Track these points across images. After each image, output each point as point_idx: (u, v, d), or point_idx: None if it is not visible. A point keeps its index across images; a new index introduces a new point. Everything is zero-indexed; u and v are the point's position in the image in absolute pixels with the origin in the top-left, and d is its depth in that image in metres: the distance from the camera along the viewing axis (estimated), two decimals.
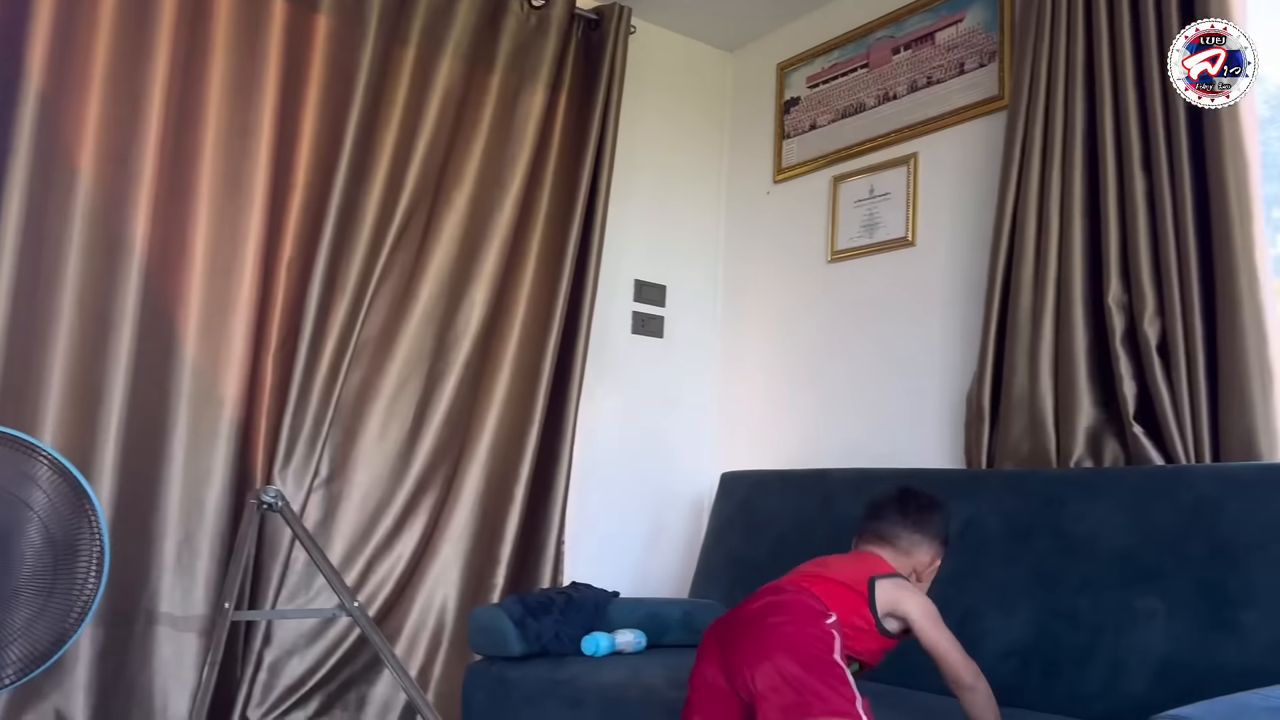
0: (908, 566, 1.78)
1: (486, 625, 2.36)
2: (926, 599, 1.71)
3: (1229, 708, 1.22)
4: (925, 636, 1.66)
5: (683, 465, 3.28)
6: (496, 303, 2.82)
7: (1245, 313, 2.02)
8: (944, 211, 2.78)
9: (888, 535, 1.81)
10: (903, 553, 1.79)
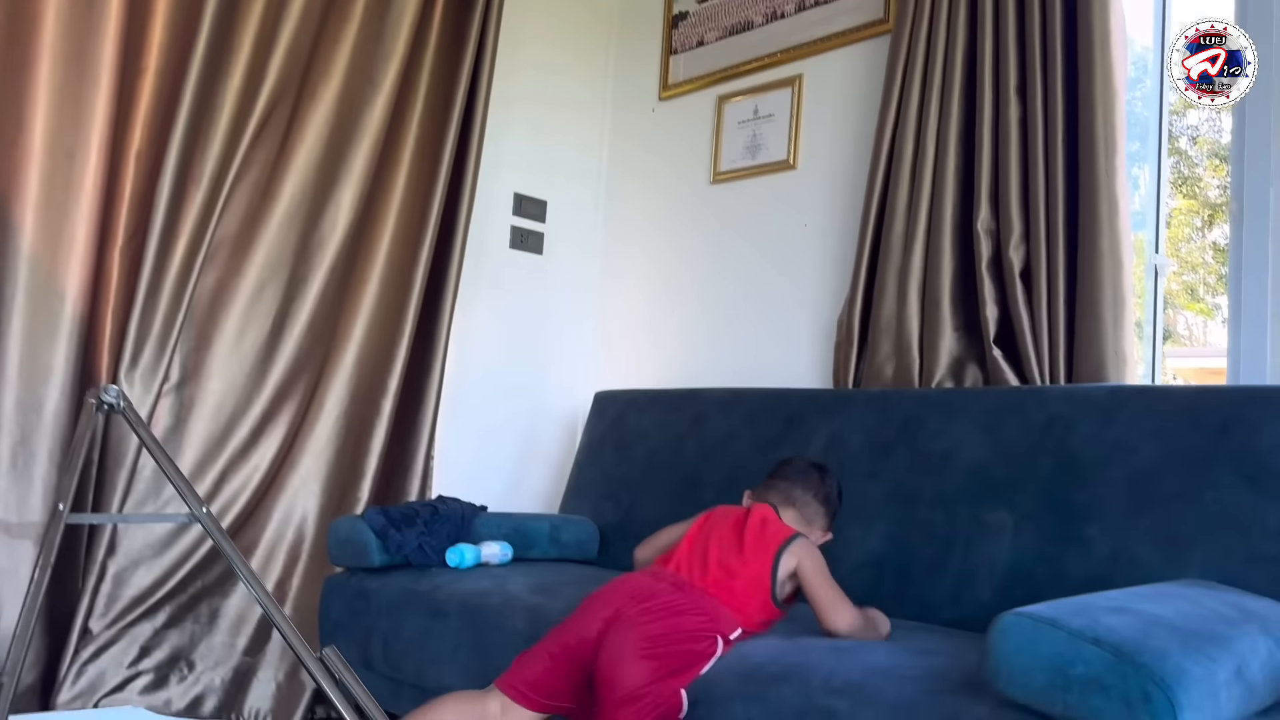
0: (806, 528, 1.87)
1: (346, 536, 2.30)
2: (819, 555, 1.76)
3: (1072, 606, 1.27)
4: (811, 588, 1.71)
5: (557, 383, 3.24)
6: (365, 207, 2.70)
7: (1104, 239, 2.08)
8: (826, 135, 2.78)
9: (798, 501, 1.89)
10: (805, 520, 1.88)
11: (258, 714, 2.53)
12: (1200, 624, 1.27)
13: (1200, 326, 10.54)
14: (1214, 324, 9.65)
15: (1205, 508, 1.70)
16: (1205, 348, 8.97)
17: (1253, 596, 1.53)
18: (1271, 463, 1.66)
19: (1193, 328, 10.69)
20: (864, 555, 2.10)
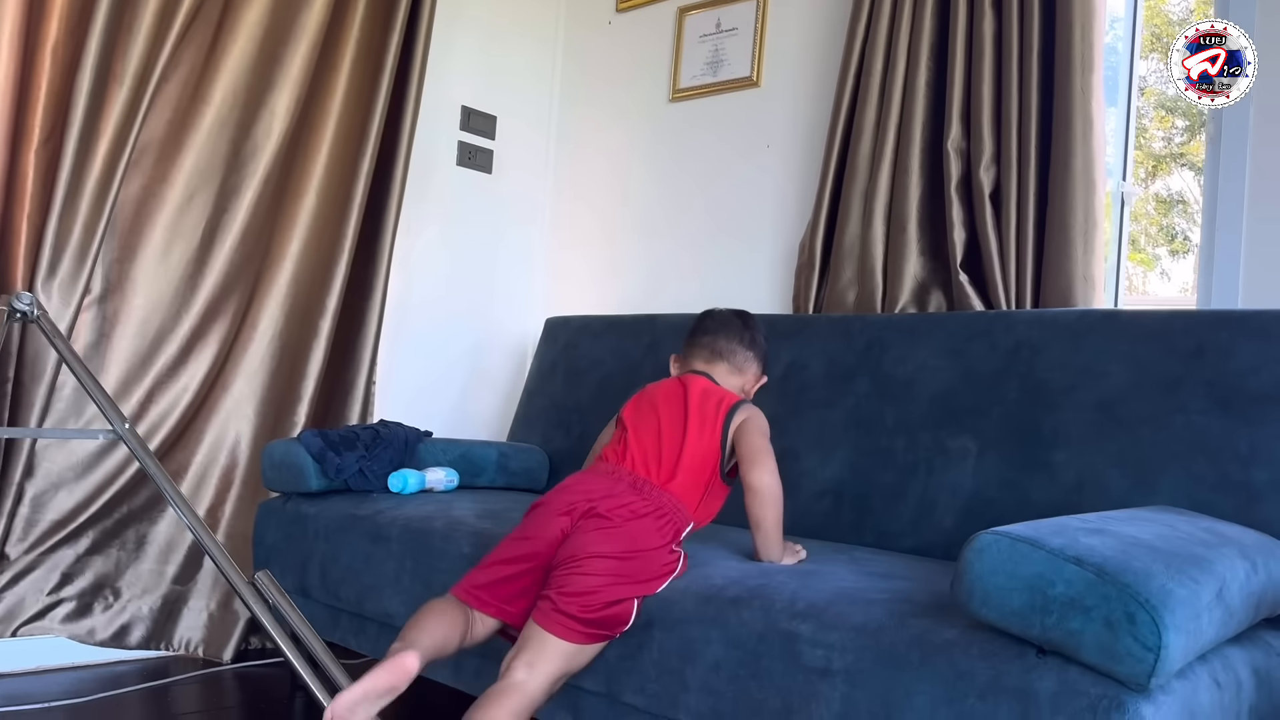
0: (738, 385, 1.78)
1: (282, 459, 2.18)
2: (764, 420, 1.68)
3: (1050, 526, 1.21)
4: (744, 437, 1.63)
5: (506, 308, 3.12)
6: (302, 114, 2.54)
7: (1077, 160, 2.01)
8: (792, 51, 2.67)
9: (724, 352, 1.78)
10: (736, 369, 1.78)
11: (188, 644, 2.42)
12: (1179, 546, 1.23)
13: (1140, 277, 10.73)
14: (1154, 275, 9.78)
15: (1175, 432, 1.66)
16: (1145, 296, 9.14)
17: (1223, 522, 1.49)
18: (1244, 386, 1.62)
19: (1133, 278, 10.93)
20: (823, 483, 2.04)
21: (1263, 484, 1.56)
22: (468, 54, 2.98)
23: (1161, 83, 10.38)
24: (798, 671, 1.29)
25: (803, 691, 1.28)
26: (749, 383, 1.80)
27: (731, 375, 1.78)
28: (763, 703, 1.32)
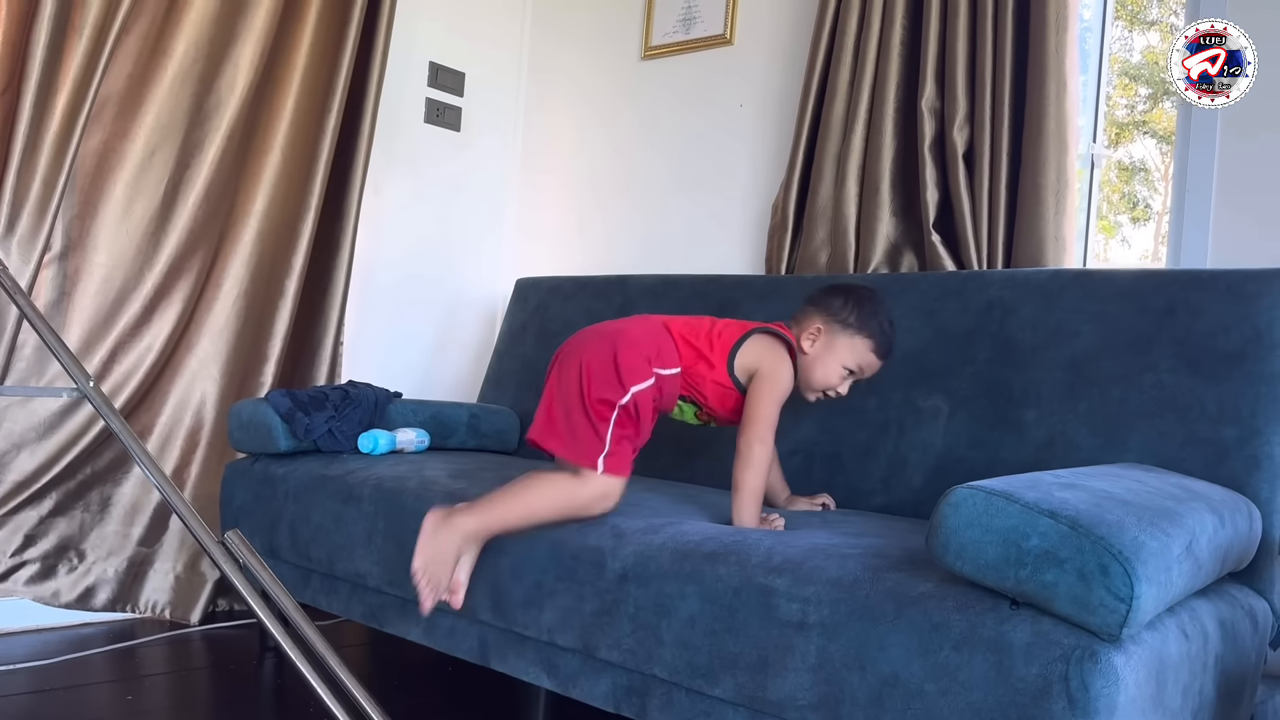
0: (798, 332, 1.77)
1: (250, 419, 2.16)
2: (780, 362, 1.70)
3: (1024, 481, 1.21)
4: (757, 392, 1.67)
5: (476, 269, 3.09)
6: (266, 68, 2.48)
7: (1050, 120, 2.01)
8: (766, 7, 2.64)
9: (794, 314, 1.81)
10: (796, 324, 1.78)
11: (155, 606, 2.40)
12: (1150, 500, 1.24)
13: (1102, 244, 10.87)
14: (1115, 242, 9.89)
15: (1144, 391, 1.68)
16: (1106, 264, 9.25)
17: (1191, 478, 1.51)
18: (1213, 345, 1.64)
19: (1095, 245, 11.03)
20: (794, 442, 2.04)
21: (1230, 441, 1.58)
22: (436, 8, 2.93)
23: (1125, 50, 10.41)
24: (773, 625, 1.30)
25: (778, 645, 1.29)
26: (804, 328, 1.75)
27: (792, 326, 1.78)
28: (738, 656, 1.32)
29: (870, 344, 1.75)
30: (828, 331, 1.74)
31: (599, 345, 1.67)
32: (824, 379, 1.74)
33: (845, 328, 1.74)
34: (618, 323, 1.76)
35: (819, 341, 1.74)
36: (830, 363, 1.74)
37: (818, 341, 1.74)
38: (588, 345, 1.68)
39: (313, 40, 2.52)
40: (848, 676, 1.23)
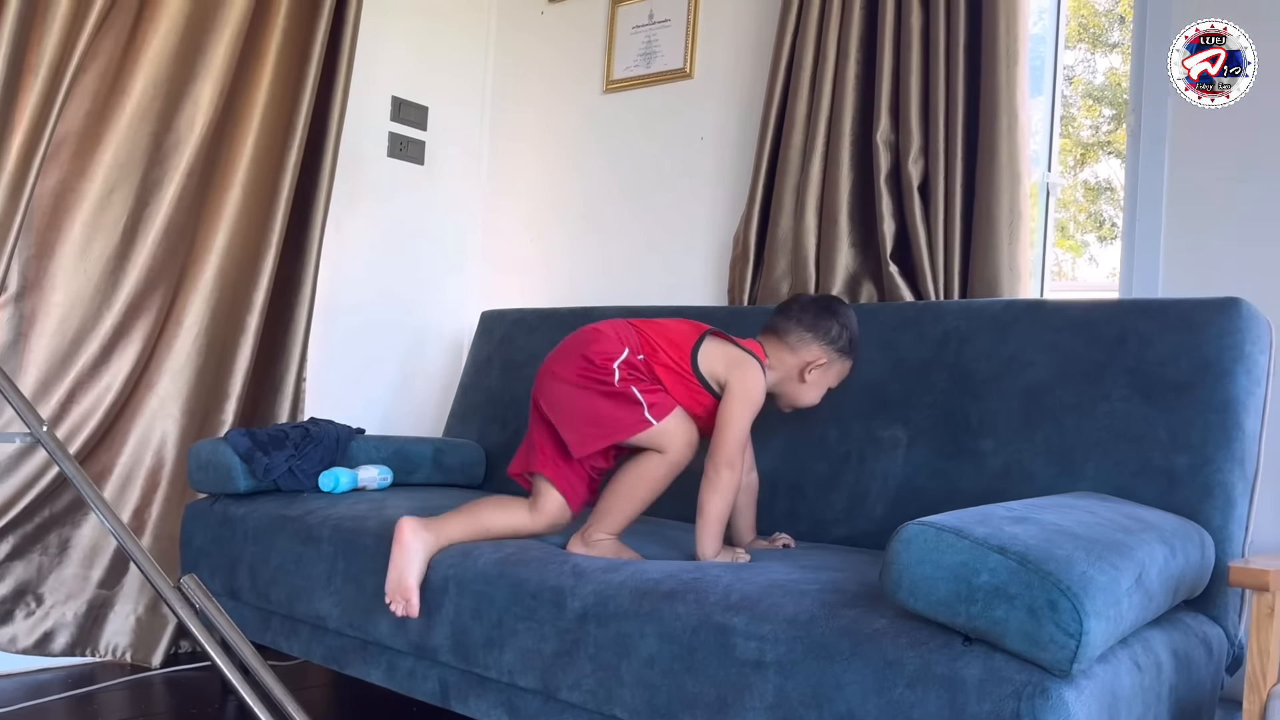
0: (793, 362, 1.77)
1: (209, 459, 2.14)
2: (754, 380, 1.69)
3: (975, 515, 1.23)
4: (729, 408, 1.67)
5: (441, 302, 3.09)
6: (226, 105, 2.47)
7: (1003, 152, 2.04)
8: (724, 43, 2.67)
9: (780, 328, 1.79)
10: (788, 348, 1.77)
11: (115, 650, 2.36)
12: (1101, 532, 1.25)
13: (1069, 263, 10.93)
14: (1082, 261, 9.96)
15: (1098, 420, 1.70)
16: (1074, 282, 9.31)
17: (1144, 507, 1.53)
18: (1164, 374, 1.66)
19: (1062, 263, 11.06)
20: (759, 474, 2.04)
21: (1183, 469, 1.60)
22: (398, 44, 2.94)
23: (1089, 72, 10.57)
24: (731, 664, 1.30)
25: (736, 684, 1.29)
26: (805, 361, 1.75)
27: (782, 351, 1.77)
28: (697, 696, 1.32)
29: (850, 365, 1.83)
30: (829, 362, 1.78)
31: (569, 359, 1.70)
32: (812, 401, 1.80)
33: (841, 355, 1.79)
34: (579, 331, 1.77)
35: (818, 373, 1.78)
36: (822, 387, 1.80)
37: (817, 373, 1.78)
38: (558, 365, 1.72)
39: (273, 77, 2.52)
40: (805, 715, 1.23)
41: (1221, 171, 1.91)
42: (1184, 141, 1.95)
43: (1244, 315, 1.65)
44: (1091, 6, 9.72)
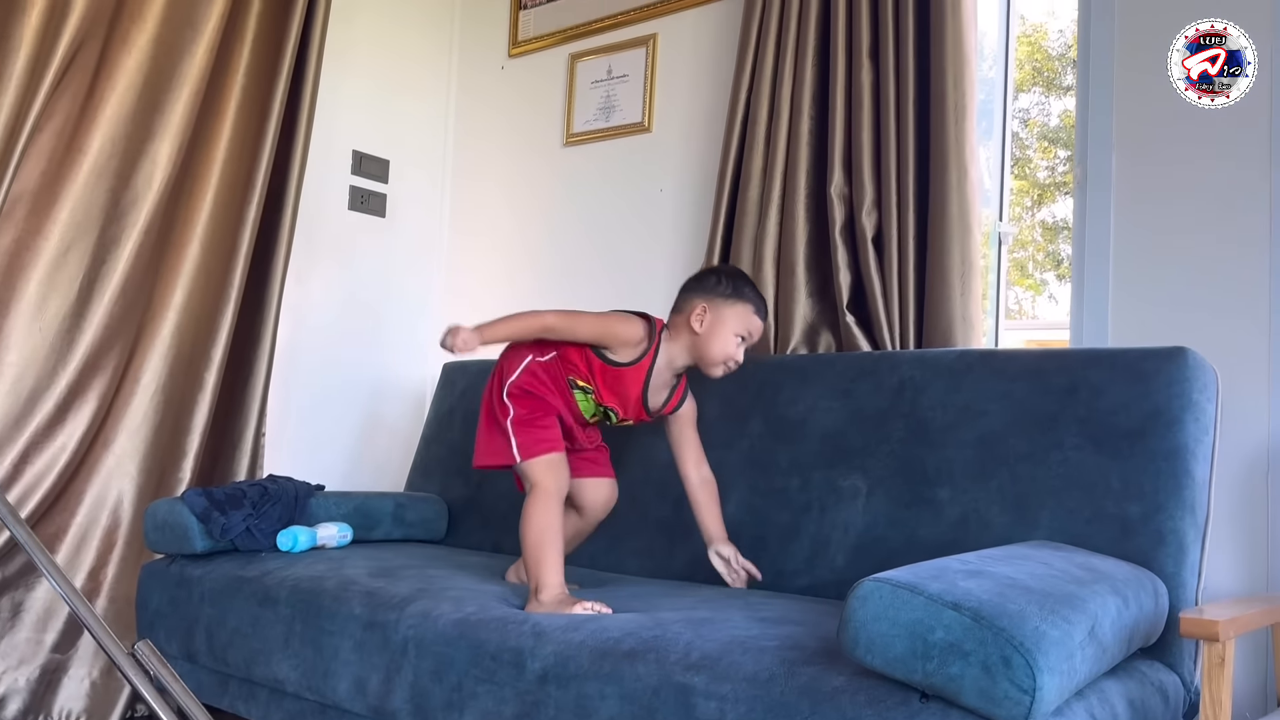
0: (681, 321, 1.93)
1: (165, 520, 2.11)
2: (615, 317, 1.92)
3: (929, 570, 1.24)
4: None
5: (403, 353, 3.08)
6: (185, 162, 2.47)
7: (953, 205, 2.08)
8: (681, 98, 2.71)
9: (674, 304, 1.99)
10: (678, 312, 1.96)
11: (69, 715, 2.31)
12: (1054, 585, 1.27)
13: (1029, 301, 11.03)
14: (1042, 299, 10.06)
15: (1051, 468, 1.72)
16: (1034, 320, 9.42)
17: (1099, 556, 1.55)
18: (1115, 423, 1.69)
19: (1022, 302, 11.17)
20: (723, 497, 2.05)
21: (1135, 517, 1.63)
22: (358, 99, 2.95)
23: (1044, 115, 10.66)
24: None
25: None
26: (690, 314, 1.91)
27: (676, 318, 1.96)
28: None
29: (750, 307, 1.92)
30: (712, 308, 1.90)
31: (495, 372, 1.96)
32: (722, 350, 1.90)
33: (726, 299, 1.91)
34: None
35: (707, 319, 1.90)
36: (724, 334, 1.89)
37: (706, 319, 1.90)
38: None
39: (232, 134, 2.53)
40: None
41: (1166, 222, 1.96)
42: (1128, 194, 2.01)
43: (1191, 364, 1.69)
44: (1045, 51, 9.95)
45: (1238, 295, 1.88)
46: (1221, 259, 1.90)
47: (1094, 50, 2.07)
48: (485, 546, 2.44)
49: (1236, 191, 1.89)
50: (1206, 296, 1.91)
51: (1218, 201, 1.91)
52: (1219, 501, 1.83)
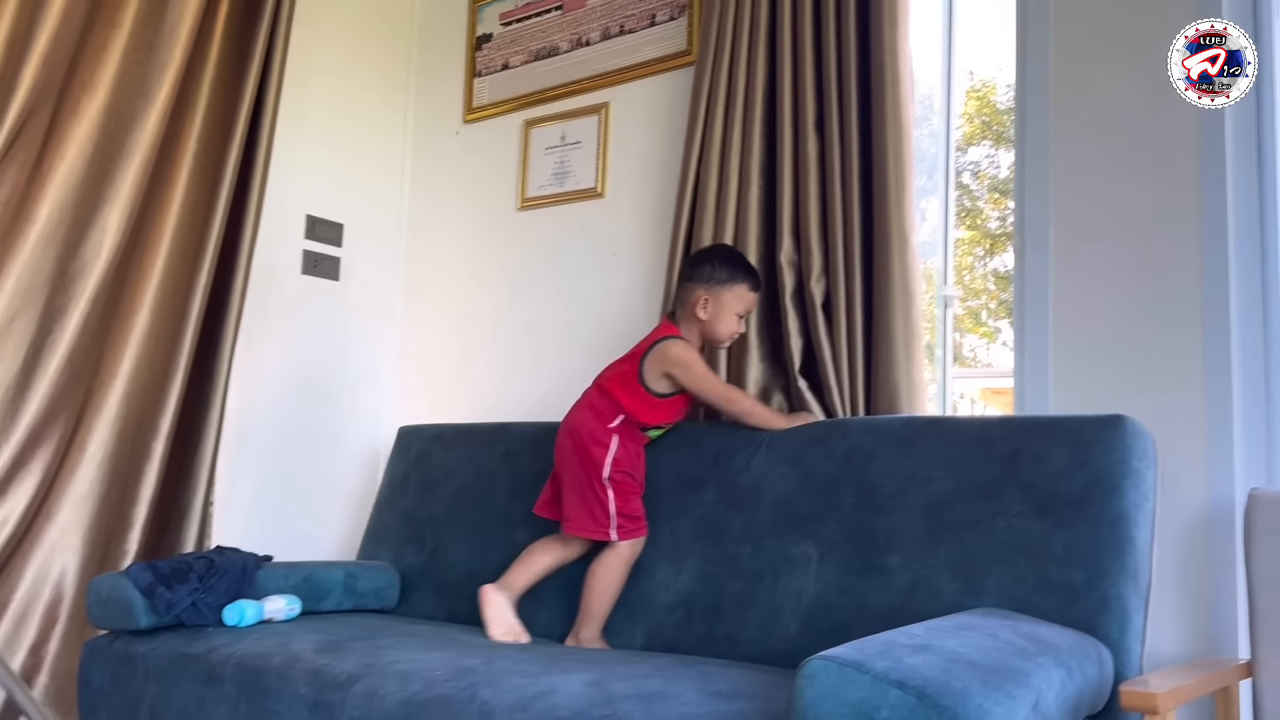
0: (687, 312, 2.14)
1: (108, 595, 2.07)
2: (686, 350, 2.11)
3: (877, 645, 1.24)
4: (689, 383, 2.10)
5: (357, 420, 3.06)
6: (135, 230, 2.46)
7: (895, 273, 2.12)
8: (634, 164, 2.75)
9: (677, 295, 2.19)
10: (682, 305, 2.16)
11: None
12: (998, 659, 1.28)
13: (984, 349, 11.16)
14: (995, 346, 10.20)
15: (997, 535, 1.74)
16: (989, 368, 9.53)
17: (1044, 624, 1.57)
18: (1058, 490, 1.72)
19: (976, 350, 11.32)
20: (675, 595, 2.05)
21: (1079, 584, 1.65)
22: (313, 162, 2.96)
23: (993, 167, 10.83)
24: None
25: None
26: (694, 305, 2.12)
27: (681, 310, 2.16)
28: None
29: (745, 286, 2.12)
30: (713, 295, 2.11)
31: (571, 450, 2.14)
32: (727, 330, 2.13)
33: (723, 284, 2.10)
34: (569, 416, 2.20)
35: (710, 306, 2.11)
36: (726, 316, 2.12)
37: (709, 306, 2.11)
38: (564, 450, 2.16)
39: (184, 201, 2.52)
40: None
41: (1103, 286, 2.01)
42: (1066, 258, 2.06)
43: (1129, 432, 1.72)
44: (993, 105, 10.18)
45: (1175, 358, 1.93)
46: (1158, 323, 1.95)
47: (1029, 119, 2.13)
48: (439, 615, 2.41)
49: (1171, 255, 1.95)
50: (1145, 360, 1.96)
51: (1153, 265, 1.97)
52: (1160, 566, 1.86)
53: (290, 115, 2.83)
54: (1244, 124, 1.94)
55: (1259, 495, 1.70)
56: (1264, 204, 1.92)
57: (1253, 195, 1.92)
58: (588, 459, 2.09)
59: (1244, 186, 1.93)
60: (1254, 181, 1.93)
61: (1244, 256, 1.91)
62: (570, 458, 2.12)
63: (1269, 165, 1.92)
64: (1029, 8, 2.16)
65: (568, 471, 2.12)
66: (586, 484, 2.08)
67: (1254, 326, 1.90)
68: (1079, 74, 2.08)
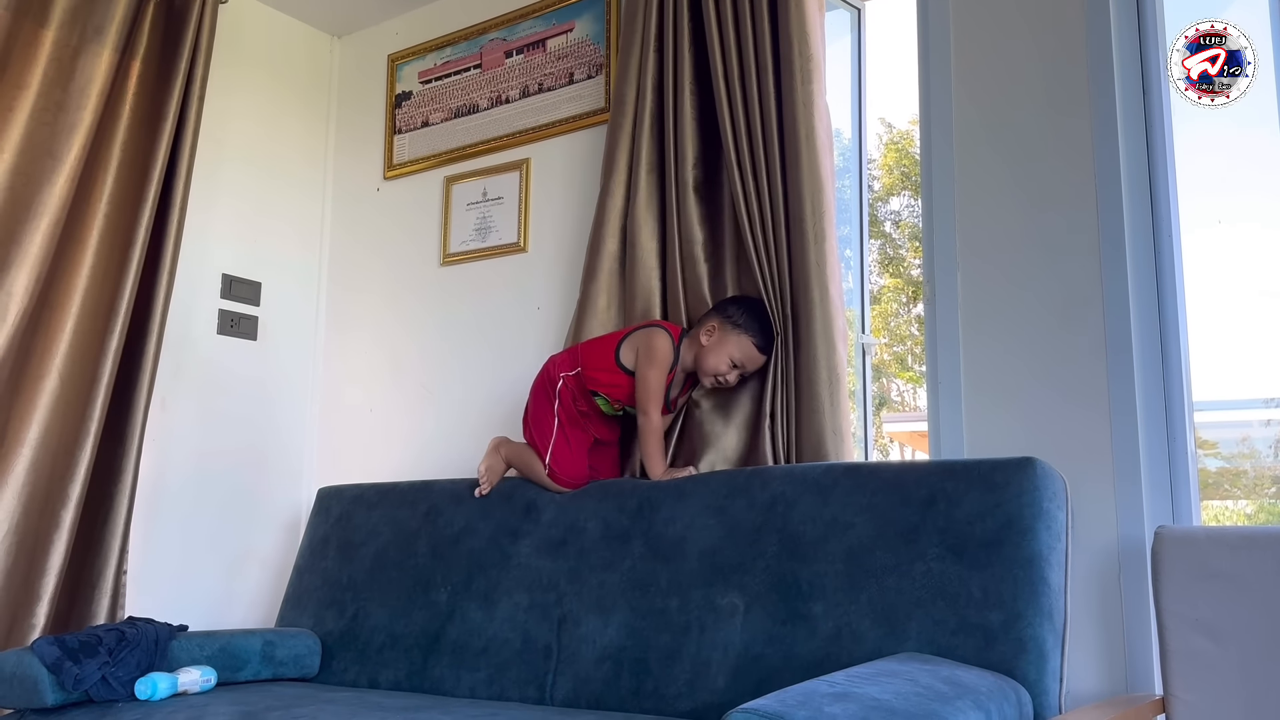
0: (695, 333, 2.24)
1: (13, 672, 1.98)
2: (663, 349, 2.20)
3: (798, 695, 1.25)
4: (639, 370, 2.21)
5: (276, 482, 3.00)
6: (43, 294, 2.40)
7: (817, 323, 2.16)
8: (556, 218, 2.77)
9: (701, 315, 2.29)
10: (698, 323, 2.27)
11: None
12: (918, 704, 1.29)
13: (911, 393, 11.34)
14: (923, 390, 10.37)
15: (916, 580, 1.76)
16: (916, 412, 9.64)
17: (964, 667, 1.59)
18: (972, 533, 1.75)
19: (904, 394, 11.49)
20: (602, 649, 2.03)
21: (996, 625, 1.67)
22: (229, 222, 2.93)
23: (913, 216, 11.20)
24: None
25: None
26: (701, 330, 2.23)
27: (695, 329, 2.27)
28: None
29: (752, 340, 2.18)
30: (720, 330, 2.19)
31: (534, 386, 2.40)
32: (714, 366, 2.19)
33: (735, 327, 2.19)
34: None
35: (714, 336, 2.20)
36: (720, 353, 2.19)
37: (713, 336, 2.20)
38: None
39: (94, 262, 2.47)
40: None
41: (1009, 332, 2.07)
42: (973, 306, 2.11)
43: (1039, 474, 1.77)
44: (912, 158, 10.41)
45: (1081, 400, 1.98)
46: (1064, 366, 2.01)
47: (935, 165, 2.19)
48: (360, 682, 2.35)
49: (1073, 298, 2.02)
50: (1053, 402, 2.01)
51: (1056, 309, 2.03)
52: (1076, 605, 1.90)
53: (206, 173, 2.80)
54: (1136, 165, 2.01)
55: (1165, 534, 1.75)
56: (1159, 249, 2.00)
57: (1148, 238, 2.00)
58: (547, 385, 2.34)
59: (1140, 230, 2.00)
60: (1147, 225, 2.00)
61: (1143, 297, 1.98)
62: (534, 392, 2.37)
63: (1163, 211, 2.00)
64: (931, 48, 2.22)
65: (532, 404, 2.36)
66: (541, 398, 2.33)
67: (1154, 367, 1.97)
68: (981, 116, 2.15)
